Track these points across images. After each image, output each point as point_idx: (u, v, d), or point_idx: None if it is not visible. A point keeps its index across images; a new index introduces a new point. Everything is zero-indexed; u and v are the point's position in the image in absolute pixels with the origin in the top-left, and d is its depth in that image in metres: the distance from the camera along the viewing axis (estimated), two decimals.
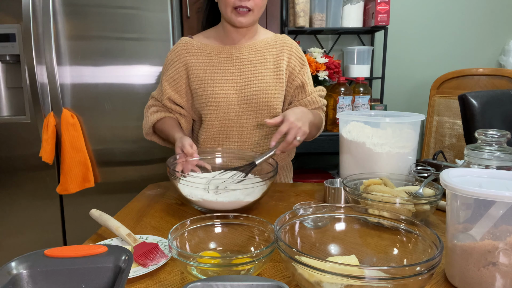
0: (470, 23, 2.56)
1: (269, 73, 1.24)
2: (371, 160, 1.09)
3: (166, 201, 1.09)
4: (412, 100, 2.66)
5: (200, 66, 1.23)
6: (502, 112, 1.36)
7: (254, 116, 1.23)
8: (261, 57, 1.25)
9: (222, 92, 1.21)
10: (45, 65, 1.81)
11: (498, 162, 0.74)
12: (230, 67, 1.23)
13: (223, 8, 1.18)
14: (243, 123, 1.23)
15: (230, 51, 1.24)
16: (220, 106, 1.21)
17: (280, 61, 1.25)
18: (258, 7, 1.17)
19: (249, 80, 1.22)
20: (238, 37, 1.25)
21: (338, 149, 1.22)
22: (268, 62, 1.24)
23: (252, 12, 1.17)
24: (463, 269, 0.60)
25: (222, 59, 1.24)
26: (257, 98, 1.21)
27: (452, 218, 0.62)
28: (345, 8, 2.36)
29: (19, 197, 1.96)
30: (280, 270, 0.69)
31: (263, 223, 0.74)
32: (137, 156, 1.95)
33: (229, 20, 1.19)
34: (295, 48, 1.29)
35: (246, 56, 1.24)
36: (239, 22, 1.17)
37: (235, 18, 1.17)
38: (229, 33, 1.25)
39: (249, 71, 1.23)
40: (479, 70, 2.19)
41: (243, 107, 1.22)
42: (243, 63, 1.23)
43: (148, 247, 0.73)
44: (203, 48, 1.25)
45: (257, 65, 1.24)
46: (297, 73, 1.27)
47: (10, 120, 1.92)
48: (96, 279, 0.53)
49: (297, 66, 1.28)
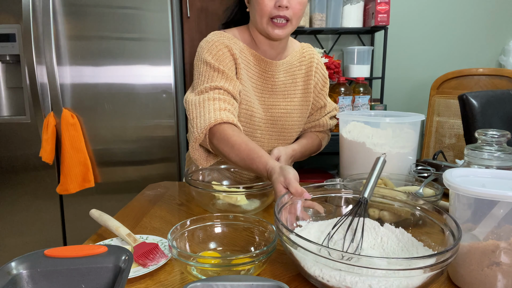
0: (470, 23, 2.56)
1: (297, 95, 1.19)
2: (371, 160, 1.09)
3: (166, 201, 1.09)
4: (412, 100, 2.66)
5: (243, 67, 1.08)
6: (502, 112, 1.36)
7: (277, 138, 1.19)
8: (291, 77, 1.18)
9: (255, 106, 1.11)
10: (45, 65, 1.81)
11: (498, 162, 0.74)
12: (262, 83, 1.14)
13: (258, 18, 1.04)
14: (264, 143, 1.17)
15: (266, 66, 1.13)
16: (253, 120, 1.10)
17: (308, 81, 1.20)
18: (296, 16, 1.05)
19: (278, 101, 1.16)
20: (270, 50, 1.14)
21: (338, 149, 1.22)
22: (297, 83, 1.19)
23: (291, 23, 1.05)
24: (466, 269, 0.60)
25: (258, 71, 1.13)
26: (283, 120, 1.17)
27: (455, 218, 0.62)
28: (345, 8, 2.36)
29: (19, 197, 1.96)
30: (280, 270, 0.69)
31: (263, 223, 0.74)
32: (137, 156, 1.95)
33: (264, 31, 1.06)
34: (320, 65, 1.25)
35: (279, 76, 1.16)
36: (276, 35, 1.05)
37: (272, 30, 1.04)
38: (260, 44, 1.13)
39: (279, 92, 1.16)
40: (479, 70, 2.19)
41: (268, 127, 1.16)
42: (276, 82, 1.15)
43: (148, 247, 0.73)
44: (244, 51, 1.10)
45: (287, 85, 1.17)
46: (318, 93, 1.24)
47: (10, 120, 1.92)
48: (96, 279, 0.53)
49: (319, 84, 1.24)
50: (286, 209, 0.73)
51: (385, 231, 0.71)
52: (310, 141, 1.25)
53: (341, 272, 0.55)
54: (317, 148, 1.29)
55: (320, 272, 0.57)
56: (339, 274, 0.55)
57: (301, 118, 1.22)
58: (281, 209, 0.70)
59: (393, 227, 0.73)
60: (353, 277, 0.54)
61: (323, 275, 0.57)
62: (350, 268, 0.53)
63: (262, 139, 1.17)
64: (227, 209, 0.94)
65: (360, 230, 0.67)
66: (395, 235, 0.71)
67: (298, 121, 1.21)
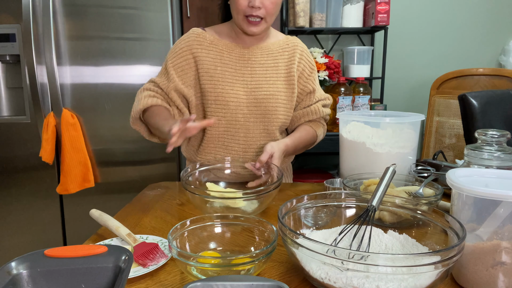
0: (470, 23, 2.56)
1: (280, 78, 1.21)
2: (371, 160, 1.09)
3: (166, 201, 1.09)
4: (412, 100, 2.66)
5: (211, 61, 1.18)
6: (502, 112, 1.36)
7: (262, 121, 1.20)
8: (273, 61, 1.22)
9: (232, 91, 1.17)
10: (45, 65, 1.81)
11: (498, 162, 0.74)
12: (241, 68, 1.19)
13: (235, 14, 1.14)
14: (249, 126, 1.20)
15: (243, 51, 1.21)
16: (229, 106, 1.17)
17: (291, 66, 1.23)
18: (270, 14, 1.13)
19: (260, 83, 1.19)
20: (250, 40, 1.22)
21: (338, 149, 1.22)
22: (280, 66, 1.22)
23: (265, 21, 1.13)
24: (471, 269, 0.60)
25: (234, 58, 1.20)
26: (266, 102, 1.19)
27: (458, 218, 0.62)
28: (345, 8, 2.36)
29: (19, 197, 1.96)
30: (280, 270, 0.69)
31: (263, 223, 0.74)
32: (137, 156, 1.95)
33: (240, 27, 1.16)
34: (305, 52, 1.27)
35: (259, 59, 1.21)
36: (250, 31, 1.14)
37: (247, 27, 1.13)
38: (240, 36, 1.22)
39: (260, 74, 1.20)
40: (479, 70, 2.19)
41: (251, 110, 1.19)
42: (255, 65, 1.20)
43: (148, 247, 0.73)
44: (215, 43, 1.20)
45: (268, 69, 1.21)
46: (306, 78, 1.25)
47: (10, 120, 1.92)
48: (96, 279, 0.53)
49: (306, 70, 1.26)
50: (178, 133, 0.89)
51: (389, 238, 0.70)
52: (303, 133, 1.24)
53: (347, 273, 0.55)
54: (312, 139, 1.27)
55: (326, 275, 0.57)
56: (345, 276, 0.55)
57: (286, 102, 1.22)
58: (284, 214, 0.70)
59: (396, 233, 0.72)
60: (360, 278, 0.54)
61: (330, 277, 0.57)
62: (358, 267, 0.52)
63: (246, 122, 1.19)
64: (225, 211, 0.93)
65: (367, 237, 0.67)
66: (399, 241, 0.70)
67: (283, 105, 1.21)
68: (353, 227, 0.68)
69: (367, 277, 0.54)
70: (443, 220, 0.66)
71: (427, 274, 0.53)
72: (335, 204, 0.79)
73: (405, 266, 0.52)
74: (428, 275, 0.53)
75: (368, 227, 0.67)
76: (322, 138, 1.32)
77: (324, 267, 0.57)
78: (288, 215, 0.72)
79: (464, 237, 0.56)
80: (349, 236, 0.68)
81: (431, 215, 0.70)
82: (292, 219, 0.74)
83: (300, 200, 0.75)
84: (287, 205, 0.72)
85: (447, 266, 0.53)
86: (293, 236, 0.59)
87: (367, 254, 0.52)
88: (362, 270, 0.53)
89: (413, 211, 0.73)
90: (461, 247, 0.55)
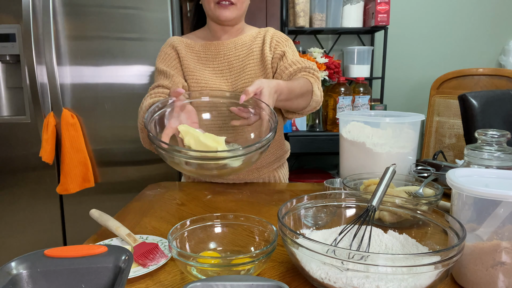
0: (470, 23, 2.56)
1: (257, 64, 1.23)
2: (371, 160, 1.09)
3: (166, 201, 1.09)
4: (412, 100, 2.66)
5: (190, 62, 1.24)
6: (502, 112, 1.36)
7: None
8: (247, 50, 1.25)
9: (215, 86, 1.21)
10: (45, 65, 1.81)
11: (498, 162, 0.74)
12: (219, 65, 1.24)
13: (207, 4, 1.19)
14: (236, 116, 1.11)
15: (218, 47, 1.25)
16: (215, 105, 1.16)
17: (264, 48, 1.24)
18: (240, 1, 1.18)
19: (239, 75, 1.22)
20: (225, 36, 1.26)
21: (338, 149, 1.22)
22: (254, 53, 1.24)
23: (235, 6, 1.18)
24: (471, 269, 0.60)
25: (210, 56, 1.25)
26: None
27: (458, 218, 0.62)
28: (345, 8, 2.36)
29: (19, 197, 1.96)
30: (280, 270, 0.69)
31: (263, 223, 0.74)
32: (137, 156, 1.95)
33: (213, 15, 1.19)
34: (277, 33, 1.28)
35: (233, 52, 1.25)
36: (223, 16, 1.17)
37: (220, 12, 1.17)
38: (215, 32, 1.26)
39: (238, 66, 1.23)
40: (479, 70, 2.19)
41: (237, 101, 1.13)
42: (231, 59, 1.24)
43: (148, 247, 0.73)
44: (192, 46, 1.26)
45: (244, 59, 1.24)
46: (275, 47, 1.23)
47: (10, 120, 1.92)
48: (96, 279, 0.53)
49: (274, 41, 1.24)
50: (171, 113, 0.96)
51: (389, 238, 0.70)
52: (296, 81, 1.12)
53: (347, 274, 0.55)
54: (307, 86, 1.14)
55: (326, 275, 0.57)
56: (345, 276, 0.55)
57: None
58: (284, 214, 0.70)
59: (396, 233, 0.72)
60: (360, 278, 0.54)
61: (330, 277, 0.57)
62: (357, 267, 0.52)
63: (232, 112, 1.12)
64: (204, 168, 0.84)
65: (367, 237, 0.66)
66: (399, 242, 0.70)
67: None
68: (353, 227, 0.68)
69: (367, 277, 0.54)
70: (443, 220, 0.66)
71: (427, 274, 0.53)
72: (335, 204, 0.78)
73: (405, 266, 0.52)
74: (428, 275, 0.53)
75: (368, 227, 0.67)
76: (318, 92, 1.18)
77: (324, 267, 0.57)
78: (288, 215, 0.72)
79: (464, 237, 0.56)
80: (349, 236, 0.68)
81: (431, 215, 0.69)
82: (292, 219, 0.73)
83: (300, 200, 0.75)
84: (287, 205, 0.72)
85: (447, 266, 0.53)
86: (293, 236, 0.59)
87: (367, 254, 0.52)
88: (362, 270, 0.53)
89: (413, 211, 0.73)
90: (461, 247, 0.55)
